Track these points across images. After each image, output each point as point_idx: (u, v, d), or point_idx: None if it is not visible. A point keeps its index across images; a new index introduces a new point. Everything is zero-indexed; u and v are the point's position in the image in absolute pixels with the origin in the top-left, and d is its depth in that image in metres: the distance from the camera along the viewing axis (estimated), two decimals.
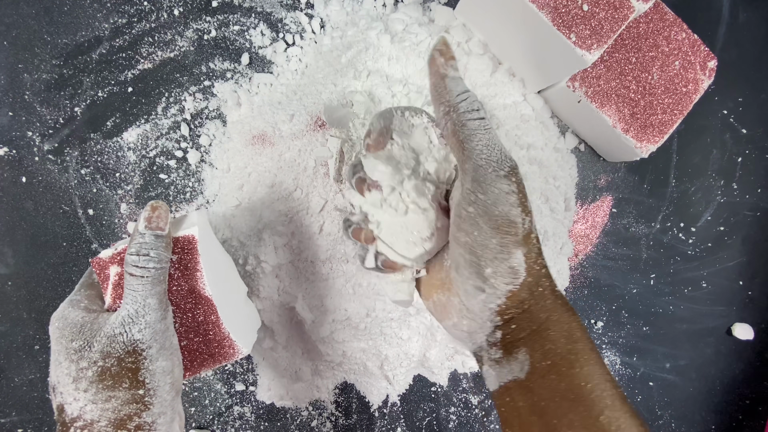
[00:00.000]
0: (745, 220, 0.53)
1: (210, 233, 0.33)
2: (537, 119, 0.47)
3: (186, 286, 0.30)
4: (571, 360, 0.25)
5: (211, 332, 0.31)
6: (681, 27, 0.44)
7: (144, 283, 0.28)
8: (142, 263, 0.28)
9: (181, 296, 0.30)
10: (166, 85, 0.45)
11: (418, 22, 0.45)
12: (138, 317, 0.28)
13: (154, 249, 0.28)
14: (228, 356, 0.32)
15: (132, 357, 0.27)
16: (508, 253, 0.25)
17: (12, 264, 0.43)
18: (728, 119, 0.53)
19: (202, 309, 0.31)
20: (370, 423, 0.47)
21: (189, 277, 0.30)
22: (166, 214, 0.29)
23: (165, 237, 0.29)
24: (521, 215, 0.25)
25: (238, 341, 0.32)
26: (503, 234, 0.25)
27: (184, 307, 0.30)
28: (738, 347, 0.53)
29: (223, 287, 0.33)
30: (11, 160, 0.43)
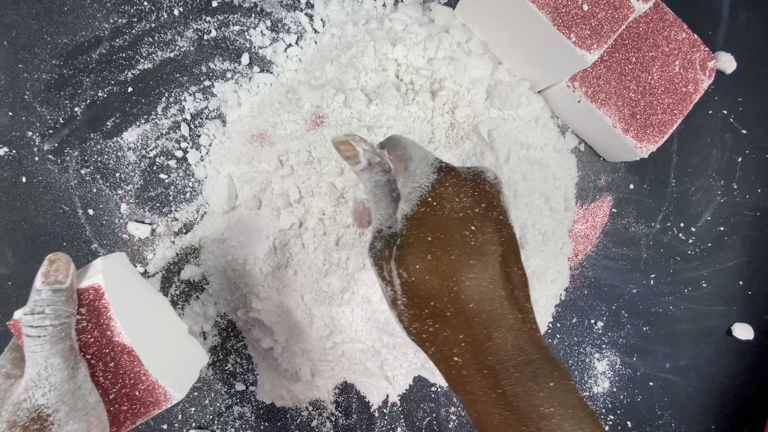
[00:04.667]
0: (745, 220, 0.53)
1: (126, 277, 0.32)
2: (537, 119, 0.47)
3: (103, 337, 0.29)
4: None
5: (138, 381, 0.30)
6: (681, 27, 0.44)
7: (42, 343, 0.26)
8: (37, 322, 0.26)
9: (99, 348, 0.29)
10: (166, 85, 0.45)
11: (418, 22, 0.45)
12: (41, 380, 0.26)
13: (50, 305, 0.27)
14: (160, 404, 0.30)
15: (37, 424, 0.25)
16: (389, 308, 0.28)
17: (12, 264, 0.43)
18: (728, 119, 0.53)
19: (123, 359, 0.29)
20: (370, 423, 0.47)
21: (103, 327, 0.29)
22: (66, 266, 0.28)
23: (65, 290, 0.27)
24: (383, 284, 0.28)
25: (170, 386, 0.30)
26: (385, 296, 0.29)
27: (105, 359, 0.29)
28: (738, 347, 0.53)
29: (149, 331, 0.32)
30: (11, 160, 0.43)
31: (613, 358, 0.51)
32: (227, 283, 0.45)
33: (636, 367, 0.51)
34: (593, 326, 0.51)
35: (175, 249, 0.45)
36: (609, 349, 0.51)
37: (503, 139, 0.44)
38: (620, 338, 0.51)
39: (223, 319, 0.46)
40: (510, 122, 0.46)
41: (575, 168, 0.50)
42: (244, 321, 0.45)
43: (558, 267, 0.48)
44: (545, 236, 0.46)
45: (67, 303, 0.27)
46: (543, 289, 0.47)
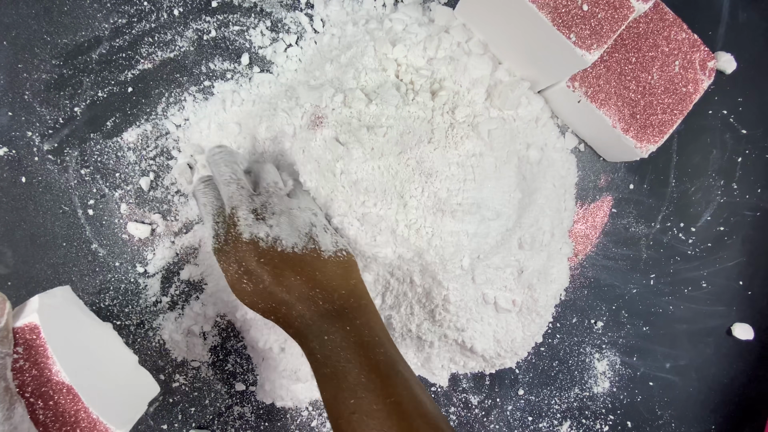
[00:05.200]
0: (745, 220, 0.53)
1: (67, 312, 0.32)
2: (537, 119, 0.47)
3: (41, 375, 0.29)
4: None
5: (78, 419, 0.29)
6: (681, 27, 0.44)
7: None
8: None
9: (37, 387, 0.29)
10: (166, 85, 0.45)
11: (418, 22, 0.45)
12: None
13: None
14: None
15: None
16: None
17: (12, 264, 0.43)
18: (728, 119, 0.53)
19: (62, 397, 0.29)
20: None
21: (41, 366, 0.29)
22: (1, 305, 0.28)
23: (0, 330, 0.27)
24: None
25: (112, 423, 0.30)
26: None
27: (44, 398, 0.29)
28: (738, 347, 0.53)
29: (91, 366, 0.32)
30: (11, 160, 0.43)
31: (613, 358, 0.51)
32: (224, 284, 0.45)
33: (636, 367, 0.51)
34: (593, 326, 0.51)
35: (175, 249, 0.45)
36: (609, 349, 0.51)
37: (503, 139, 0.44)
38: (620, 338, 0.51)
39: (223, 320, 0.46)
40: (510, 122, 0.46)
41: (575, 168, 0.50)
42: (242, 322, 0.45)
43: (558, 267, 0.48)
44: (545, 236, 0.46)
45: (1, 344, 0.27)
46: (543, 289, 0.47)
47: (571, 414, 0.50)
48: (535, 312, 0.47)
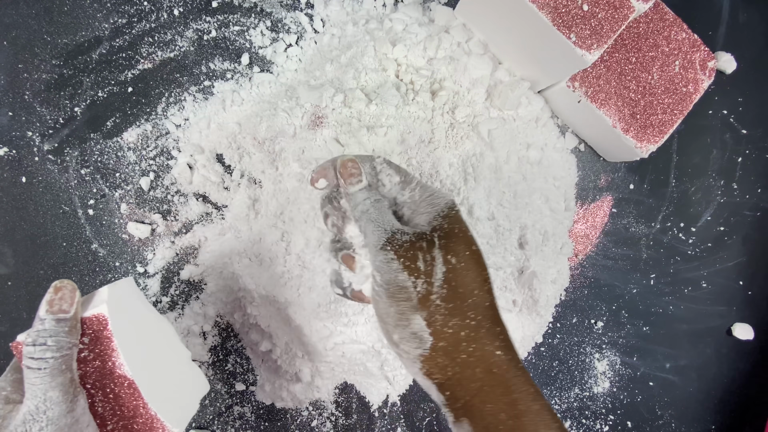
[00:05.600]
0: (745, 220, 0.53)
1: (132, 304, 0.32)
2: (537, 119, 0.47)
3: (104, 367, 0.28)
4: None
5: (137, 414, 0.29)
6: (681, 27, 0.44)
7: (42, 376, 0.25)
8: (38, 354, 0.25)
9: (99, 378, 0.28)
10: (166, 85, 0.45)
11: (418, 22, 0.45)
12: (39, 414, 0.25)
13: (53, 336, 0.25)
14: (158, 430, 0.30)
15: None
16: (407, 319, 0.25)
17: (12, 264, 0.43)
18: (728, 119, 0.53)
19: (123, 391, 0.29)
20: (370, 423, 0.47)
21: (105, 358, 0.28)
22: (72, 294, 0.27)
23: (69, 320, 0.26)
24: (410, 279, 0.25)
25: (169, 420, 0.30)
26: (397, 301, 0.26)
27: (105, 390, 0.28)
28: (738, 347, 0.53)
29: (151, 362, 0.31)
30: (11, 160, 0.43)
31: (613, 358, 0.51)
32: (222, 284, 0.45)
33: (636, 367, 0.51)
34: (593, 326, 0.51)
35: (175, 249, 0.45)
36: (609, 349, 0.51)
37: (503, 139, 0.44)
38: (620, 338, 0.51)
39: (223, 320, 0.46)
40: (510, 122, 0.46)
41: (575, 168, 0.50)
42: (241, 323, 0.45)
43: (558, 267, 0.48)
44: (545, 236, 0.46)
45: (70, 334, 0.26)
46: (543, 289, 0.47)
47: (572, 414, 0.50)
48: (535, 312, 0.47)
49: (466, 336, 0.25)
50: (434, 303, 0.25)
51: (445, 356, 0.25)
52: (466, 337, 0.25)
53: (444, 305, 0.25)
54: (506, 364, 0.25)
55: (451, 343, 0.25)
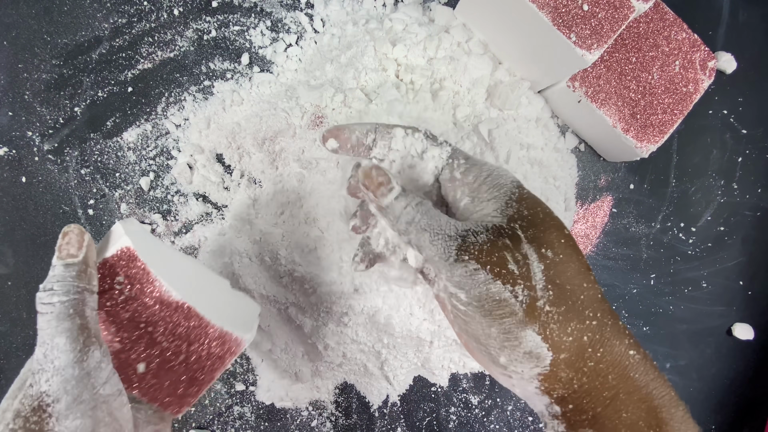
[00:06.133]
0: (745, 220, 0.53)
1: (148, 240, 0.29)
2: (537, 119, 0.47)
3: (150, 300, 0.27)
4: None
5: (202, 336, 0.28)
6: (681, 27, 0.44)
7: (49, 320, 0.23)
8: (46, 299, 0.24)
9: (150, 314, 0.27)
10: (166, 85, 0.45)
11: (418, 22, 0.45)
12: (46, 362, 0.23)
13: (60, 281, 0.24)
14: (232, 350, 0.28)
15: (36, 415, 0.22)
16: (515, 338, 0.21)
17: (12, 264, 0.43)
18: (728, 119, 0.53)
19: (179, 318, 0.27)
20: (370, 423, 0.47)
21: (147, 290, 0.27)
22: (78, 238, 0.25)
23: (77, 264, 0.25)
24: (507, 288, 0.21)
25: (236, 331, 0.28)
26: (498, 319, 0.21)
27: (161, 323, 0.27)
28: (738, 347, 0.53)
29: (195, 288, 0.30)
30: (11, 160, 0.43)
31: None
32: None
33: None
34: None
35: (175, 249, 0.45)
36: None
37: (503, 139, 0.44)
38: None
39: None
40: (510, 122, 0.46)
41: (575, 168, 0.50)
42: None
43: None
44: None
45: (78, 278, 0.24)
46: None
47: None
48: None
49: (590, 340, 0.21)
50: (544, 310, 0.21)
51: (569, 368, 0.21)
52: (591, 342, 0.21)
53: (555, 309, 0.21)
54: (642, 366, 0.21)
55: (575, 353, 0.21)
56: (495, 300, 0.21)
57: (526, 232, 0.21)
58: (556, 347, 0.21)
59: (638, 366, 0.21)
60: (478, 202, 0.24)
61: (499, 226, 0.22)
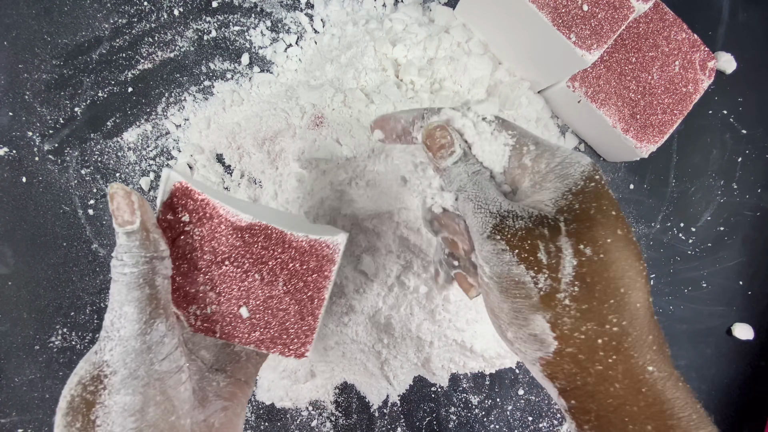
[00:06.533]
0: (745, 220, 0.53)
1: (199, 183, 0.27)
2: (537, 119, 0.47)
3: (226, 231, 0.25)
4: None
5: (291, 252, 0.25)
6: (681, 27, 0.44)
7: (119, 288, 0.22)
8: (118, 269, 0.23)
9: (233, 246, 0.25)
10: (166, 85, 0.45)
11: (418, 22, 0.45)
12: (113, 330, 0.22)
13: (126, 252, 0.23)
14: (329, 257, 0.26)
15: (93, 385, 0.22)
16: (524, 319, 0.21)
17: (12, 264, 0.43)
18: (728, 119, 0.53)
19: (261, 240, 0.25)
20: (370, 423, 0.47)
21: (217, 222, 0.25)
22: (127, 201, 0.23)
23: (136, 232, 0.23)
24: (529, 273, 0.21)
25: (326, 237, 0.26)
26: (512, 298, 0.21)
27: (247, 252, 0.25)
28: (738, 347, 0.53)
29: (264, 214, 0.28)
30: (11, 160, 0.43)
31: None
32: None
33: None
34: None
35: None
36: None
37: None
38: None
39: None
40: None
41: None
42: None
43: None
44: None
45: (143, 247, 0.23)
46: None
47: None
48: None
49: (604, 345, 0.20)
50: (561, 303, 0.20)
51: (574, 364, 0.21)
52: (605, 346, 0.20)
53: (575, 306, 0.20)
54: (661, 383, 0.20)
55: (584, 351, 0.20)
56: (514, 281, 0.21)
57: (569, 225, 0.21)
58: (564, 339, 0.21)
59: (656, 383, 0.21)
60: (539, 188, 0.23)
61: (543, 215, 0.22)
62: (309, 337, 0.26)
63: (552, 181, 0.23)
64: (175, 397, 0.23)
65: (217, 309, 0.26)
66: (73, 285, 0.43)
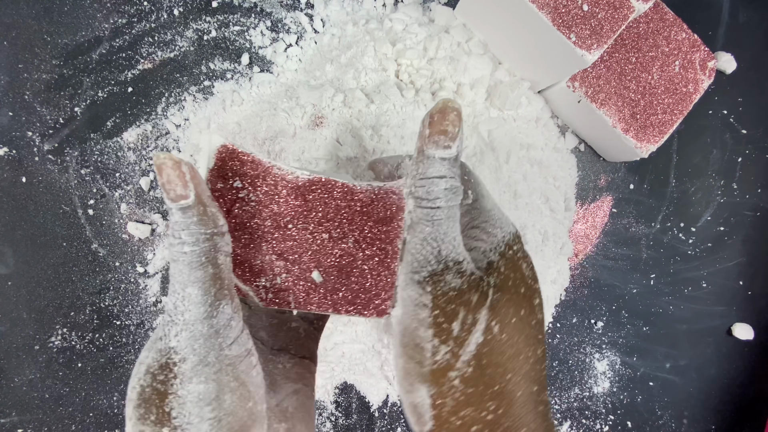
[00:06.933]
0: (745, 220, 0.53)
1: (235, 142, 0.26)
2: (537, 119, 0.47)
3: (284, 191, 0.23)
4: None
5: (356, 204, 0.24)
6: (681, 27, 0.44)
7: (181, 268, 0.20)
8: (177, 248, 0.21)
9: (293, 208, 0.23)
10: (166, 85, 0.45)
11: (418, 22, 0.45)
12: (176, 313, 0.20)
13: (184, 229, 0.20)
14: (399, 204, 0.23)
15: (163, 374, 0.20)
16: (410, 384, 0.20)
17: (12, 264, 0.43)
18: (728, 119, 0.53)
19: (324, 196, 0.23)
20: (370, 423, 0.47)
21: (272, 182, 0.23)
22: (178, 172, 0.20)
23: (192, 207, 0.20)
24: (433, 342, 0.19)
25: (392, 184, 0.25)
26: (407, 357, 0.20)
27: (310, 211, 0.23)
28: (738, 347, 0.53)
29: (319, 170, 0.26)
30: (11, 160, 0.43)
31: (613, 358, 0.51)
32: None
33: (636, 367, 0.51)
34: (593, 326, 0.51)
35: None
36: (609, 349, 0.51)
37: (503, 139, 0.44)
38: (620, 338, 0.51)
39: None
40: (510, 122, 0.46)
41: (575, 168, 0.50)
42: None
43: (558, 267, 0.48)
44: (545, 236, 0.46)
45: (201, 223, 0.21)
46: (543, 289, 0.47)
47: (571, 414, 0.50)
48: None
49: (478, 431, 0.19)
50: (451, 382, 0.19)
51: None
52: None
53: (462, 388, 0.19)
54: None
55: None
56: (415, 342, 0.20)
57: (495, 295, 0.20)
58: (439, 421, 0.20)
59: None
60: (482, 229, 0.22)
61: (480, 277, 0.20)
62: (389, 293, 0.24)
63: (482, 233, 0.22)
64: (249, 382, 0.21)
65: (287, 278, 0.24)
66: (73, 285, 0.43)
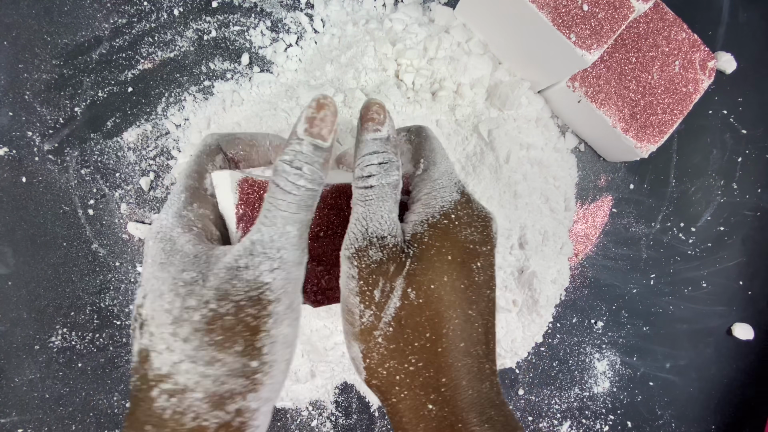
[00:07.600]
0: (745, 220, 0.53)
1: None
2: (537, 119, 0.47)
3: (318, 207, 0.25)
4: None
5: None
6: (681, 27, 0.44)
7: (289, 202, 0.20)
8: (292, 178, 0.20)
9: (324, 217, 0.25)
10: (166, 85, 0.45)
11: (418, 22, 0.45)
12: (272, 248, 0.20)
13: (308, 164, 0.21)
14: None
15: (254, 308, 0.20)
16: (348, 342, 0.23)
17: (12, 264, 0.43)
18: (728, 119, 0.53)
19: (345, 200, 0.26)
20: (370, 423, 0.47)
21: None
22: (333, 119, 0.21)
23: (325, 150, 0.21)
24: (359, 306, 0.22)
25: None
26: (344, 319, 0.23)
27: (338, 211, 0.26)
28: (738, 347, 0.53)
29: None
30: (11, 160, 0.43)
31: (613, 358, 0.51)
32: None
33: (636, 367, 0.51)
34: (593, 326, 0.51)
35: None
36: (609, 349, 0.51)
37: (503, 139, 0.44)
38: (620, 338, 0.51)
39: None
40: (510, 122, 0.46)
41: (575, 168, 0.50)
42: None
43: (558, 267, 0.48)
44: (545, 236, 0.46)
45: (323, 168, 0.21)
46: (543, 289, 0.47)
47: (571, 414, 0.50)
48: (535, 312, 0.47)
49: (400, 381, 0.22)
50: (375, 339, 0.22)
51: (379, 394, 0.23)
52: (401, 382, 0.22)
53: (385, 344, 0.22)
54: (436, 422, 0.21)
55: (384, 385, 0.22)
56: (347, 307, 0.23)
57: (412, 264, 0.21)
58: (370, 372, 0.23)
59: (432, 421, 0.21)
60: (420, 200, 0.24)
61: (401, 248, 0.22)
62: None
63: (424, 205, 0.23)
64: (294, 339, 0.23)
65: (330, 278, 0.27)
66: (73, 285, 0.43)
